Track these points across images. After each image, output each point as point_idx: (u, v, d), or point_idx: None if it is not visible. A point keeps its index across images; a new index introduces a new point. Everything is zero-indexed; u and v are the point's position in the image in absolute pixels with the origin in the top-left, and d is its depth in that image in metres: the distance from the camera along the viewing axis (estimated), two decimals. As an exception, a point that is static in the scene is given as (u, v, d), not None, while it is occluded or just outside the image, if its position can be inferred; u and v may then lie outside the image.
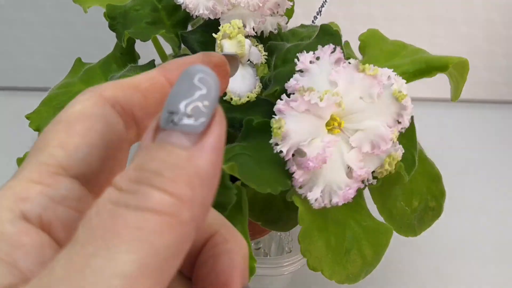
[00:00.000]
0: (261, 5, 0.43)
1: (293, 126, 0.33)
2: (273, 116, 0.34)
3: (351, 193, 0.34)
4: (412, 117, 0.45)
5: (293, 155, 0.34)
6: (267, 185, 0.35)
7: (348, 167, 0.35)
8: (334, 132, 0.35)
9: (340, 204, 0.34)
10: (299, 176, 0.34)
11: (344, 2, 0.76)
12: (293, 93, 0.35)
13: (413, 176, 0.45)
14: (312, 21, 0.54)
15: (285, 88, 0.36)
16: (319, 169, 0.34)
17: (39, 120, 0.45)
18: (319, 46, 0.36)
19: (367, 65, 0.34)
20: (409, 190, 0.45)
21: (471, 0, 0.77)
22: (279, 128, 0.33)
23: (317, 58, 0.36)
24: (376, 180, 0.35)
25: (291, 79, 0.35)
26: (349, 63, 0.35)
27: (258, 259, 0.51)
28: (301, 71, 0.36)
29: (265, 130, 0.35)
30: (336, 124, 0.35)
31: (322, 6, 0.53)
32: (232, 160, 0.37)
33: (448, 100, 0.53)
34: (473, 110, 0.86)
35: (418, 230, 0.46)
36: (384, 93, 0.34)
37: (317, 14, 0.54)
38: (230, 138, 0.47)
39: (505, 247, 0.67)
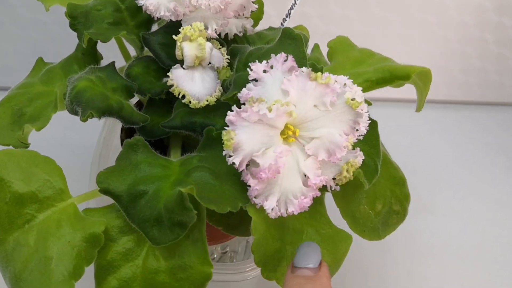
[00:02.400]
0: (222, 7, 0.42)
1: (245, 137, 0.33)
2: (225, 127, 0.34)
3: (306, 202, 0.34)
4: (376, 124, 0.45)
5: (248, 165, 0.34)
6: (227, 203, 0.34)
7: (305, 175, 0.34)
8: (289, 140, 0.34)
9: (296, 213, 0.34)
10: (254, 185, 0.33)
11: (318, 3, 0.75)
12: (244, 103, 0.35)
13: (377, 179, 0.45)
14: (281, 24, 0.53)
15: (238, 97, 0.35)
16: (274, 179, 0.33)
17: (-4, 121, 0.44)
18: (272, 55, 0.36)
19: (319, 73, 0.34)
20: (372, 193, 0.45)
21: (445, 2, 0.77)
22: (229, 140, 0.32)
23: (271, 67, 0.36)
24: (338, 186, 0.36)
25: (243, 89, 0.35)
26: (302, 71, 0.34)
27: (222, 264, 0.51)
28: (255, 80, 0.36)
29: (225, 140, 0.35)
30: (290, 133, 0.34)
31: (291, 8, 0.53)
32: (190, 174, 0.37)
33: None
34: (447, 111, 0.87)
35: (382, 234, 0.46)
36: (338, 101, 0.34)
37: (286, 17, 0.53)
38: (192, 143, 0.46)
39: (475, 248, 0.67)
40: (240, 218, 0.41)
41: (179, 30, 0.41)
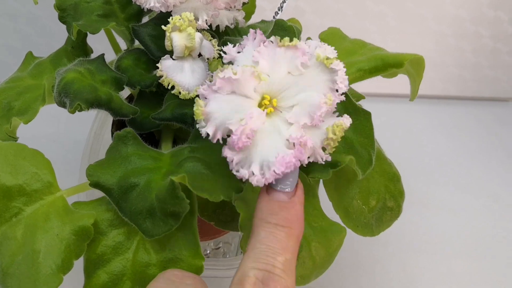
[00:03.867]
0: (213, -2, 0.42)
1: (216, 106, 0.32)
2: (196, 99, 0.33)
3: (290, 159, 0.31)
4: (369, 115, 0.44)
5: (225, 139, 0.33)
6: (220, 191, 0.34)
7: (288, 141, 0.32)
8: (269, 111, 0.33)
9: (280, 172, 0.31)
10: (232, 156, 0.32)
11: (313, -2, 0.75)
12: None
13: (371, 174, 0.45)
14: (273, 17, 0.53)
15: (212, 77, 0.34)
16: (251, 145, 0.32)
17: (-15, 115, 0.44)
18: (244, 36, 0.35)
19: (286, 38, 0.33)
20: (366, 188, 0.44)
21: (440, -4, 0.77)
22: (199, 108, 0.31)
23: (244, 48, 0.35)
24: (329, 155, 0.33)
25: (217, 69, 0.34)
26: (271, 41, 0.34)
27: (215, 260, 0.51)
28: (230, 63, 0.35)
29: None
30: (267, 102, 0.33)
31: (284, 1, 0.52)
32: (182, 165, 0.36)
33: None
34: (442, 106, 0.87)
35: (376, 230, 0.46)
36: (310, 62, 0.33)
37: (279, 10, 0.53)
38: (183, 136, 0.46)
39: (469, 243, 0.67)
40: (231, 213, 0.41)
41: (169, 20, 0.40)
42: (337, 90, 0.33)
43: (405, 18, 0.78)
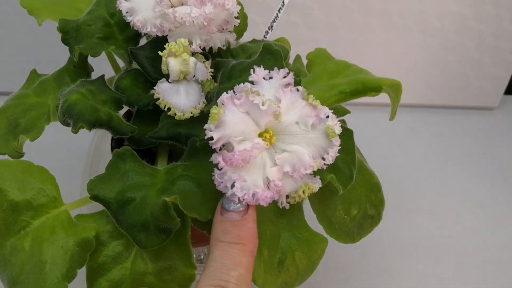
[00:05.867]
0: (206, 24, 0.44)
1: (231, 119, 0.34)
2: (215, 105, 0.35)
3: (267, 195, 0.35)
4: (351, 133, 0.47)
5: (220, 149, 0.35)
6: (208, 211, 0.37)
7: (268, 180, 0.36)
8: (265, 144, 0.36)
9: (260, 202, 0.35)
10: (221, 165, 0.35)
11: (303, 12, 0.78)
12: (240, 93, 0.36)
13: (352, 186, 0.48)
14: (264, 36, 0.56)
15: (234, 89, 0.37)
16: (241, 168, 0.35)
17: (-8, 131, 0.47)
18: (275, 68, 0.38)
19: (311, 95, 0.36)
20: (348, 199, 0.48)
21: (427, 11, 0.80)
22: (218, 114, 0.34)
23: (270, 78, 0.38)
24: (288, 204, 0.37)
25: (241, 84, 0.37)
26: (297, 89, 0.37)
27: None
28: (252, 82, 0.38)
29: (208, 151, 0.37)
30: (268, 137, 0.36)
31: (273, 21, 0.55)
32: (175, 182, 0.39)
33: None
34: (428, 115, 0.90)
35: (357, 237, 0.49)
36: (318, 126, 0.36)
37: (269, 29, 0.55)
38: (179, 150, 0.49)
39: (453, 247, 0.70)
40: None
41: (165, 46, 0.43)
42: (323, 159, 0.36)
43: (392, 30, 0.81)
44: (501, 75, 0.87)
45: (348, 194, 0.47)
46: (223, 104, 0.35)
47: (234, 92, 0.37)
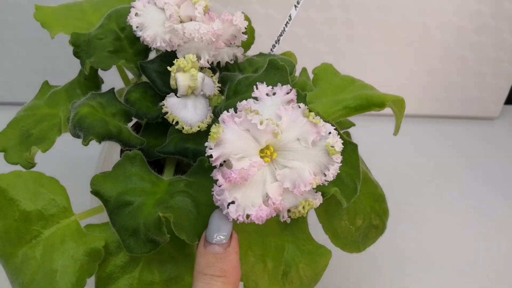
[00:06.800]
0: (214, 39, 0.46)
1: (230, 137, 0.35)
2: (215, 123, 0.36)
3: (263, 214, 0.36)
4: (356, 147, 0.48)
5: (221, 165, 0.36)
6: (196, 235, 0.38)
7: (267, 196, 0.36)
8: (265, 160, 0.37)
9: (254, 220, 0.36)
10: (221, 182, 0.35)
11: (307, 24, 0.79)
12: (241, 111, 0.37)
13: (357, 197, 0.49)
14: (271, 50, 0.57)
15: (237, 106, 0.38)
16: (240, 185, 0.35)
17: (5, 142, 0.48)
18: (279, 84, 0.39)
19: (312, 113, 0.37)
20: (353, 210, 0.49)
21: (427, 22, 0.81)
22: (217, 133, 0.35)
23: (274, 94, 0.39)
24: (289, 218, 0.37)
25: (243, 101, 0.38)
26: (299, 106, 0.38)
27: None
28: (256, 98, 0.39)
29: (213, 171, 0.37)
30: (269, 153, 0.37)
31: (280, 35, 0.56)
32: (174, 196, 0.40)
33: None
34: (429, 125, 0.91)
35: (362, 247, 0.50)
36: (319, 143, 0.37)
37: (276, 43, 0.57)
38: (186, 161, 0.50)
39: (455, 257, 0.71)
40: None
41: (173, 61, 0.44)
42: (325, 175, 0.37)
43: (393, 42, 0.82)
44: (501, 85, 0.88)
45: (353, 204, 0.49)
46: (224, 122, 0.36)
47: (236, 109, 0.38)
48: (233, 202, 0.35)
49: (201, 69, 0.47)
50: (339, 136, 0.38)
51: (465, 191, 0.81)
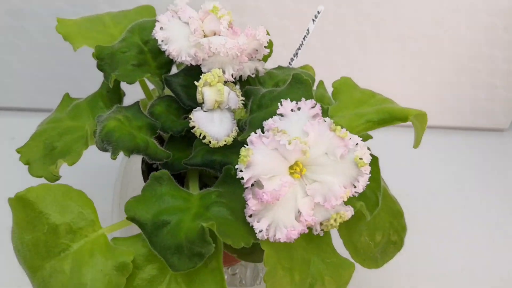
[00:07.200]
0: (239, 54, 0.46)
1: (260, 158, 0.36)
2: (245, 145, 0.37)
3: (294, 234, 0.37)
4: (377, 160, 0.49)
5: (252, 184, 0.37)
6: (241, 238, 0.38)
7: (299, 212, 0.37)
8: (295, 176, 0.37)
9: (282, 241, 0.36)
10: (251, 205, 0.36)
11: (320, 34, 0.80)
12: (268, 131, 0.38)
13: (377, 212, 0.49)
14: (289, 63, 0.57)
15: (263, 125, 0.39)
16: (271, 204, 0.36)
17: (29, 154, 0.48)
18: (303, 99, 0.39)
19: (339, 127, 0.38)
20: (372, 225, 0.49)
21: (440, 35, 0.81)
22: (246, 156, 0.35)
23: (298, 108, 0.40)
24: (322, 231, 0.38)
25: (269, 119, 0.38)
26: (325, 121, 0.38)
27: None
28: (281, 115, 0.39)
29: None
30: (298, 169, 0.38)
31: (299, 48, 0.57)
32: (209, 208, 0.41)
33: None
34: (441, 136, 0.91)
35: (381, 262, 0.50)
36: (347, 156, 0.37)
37: (294, 56, 0.57)
38: (208, 174, 0.50)
39: (473, 270, 0.71)
40: (253, 247, 0.45)
41: (200, 76, 0.45)
42: (355, 186, 0.37)
43: (406, 54, 0.83)
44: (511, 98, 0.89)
45: (373, 220, 0.49)
46: (252, 143, 0.37)
47: (263, 128, 0.38)
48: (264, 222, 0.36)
49: (225, 82, 0.48)
50: (366, 147, 0.38)
51: (475, 203, 0.81)
